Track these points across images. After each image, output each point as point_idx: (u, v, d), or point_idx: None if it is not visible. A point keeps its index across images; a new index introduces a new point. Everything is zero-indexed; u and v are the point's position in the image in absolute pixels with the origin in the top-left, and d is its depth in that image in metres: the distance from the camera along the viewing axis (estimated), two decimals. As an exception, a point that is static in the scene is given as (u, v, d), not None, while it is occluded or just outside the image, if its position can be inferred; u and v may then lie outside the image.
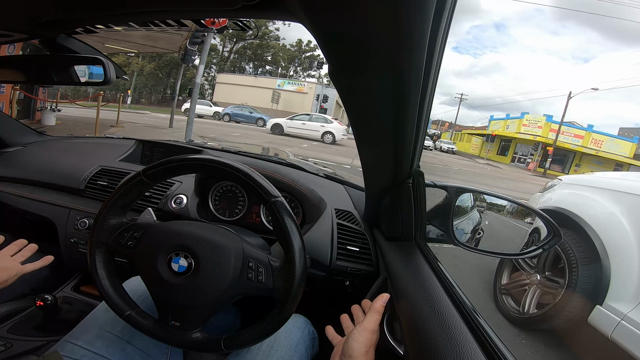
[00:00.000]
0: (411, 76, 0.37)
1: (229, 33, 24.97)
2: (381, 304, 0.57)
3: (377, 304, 0.57)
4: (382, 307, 0.57)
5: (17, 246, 0.70)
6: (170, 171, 0.59)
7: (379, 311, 0.56)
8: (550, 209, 2.01)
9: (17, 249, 0.69)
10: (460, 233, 0.77)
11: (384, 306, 0.57)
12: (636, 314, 1.39)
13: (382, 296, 0.58)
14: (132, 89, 22.19)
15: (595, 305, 1.55)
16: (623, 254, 1.57)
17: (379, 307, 0.56)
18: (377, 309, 0.56)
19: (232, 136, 10.45)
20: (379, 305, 0.57)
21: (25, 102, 6.57)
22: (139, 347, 0.63)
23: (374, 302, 0.57)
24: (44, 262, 0.69)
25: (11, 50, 4.24)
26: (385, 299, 0.58)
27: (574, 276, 1.69)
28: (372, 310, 0.56)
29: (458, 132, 37.02)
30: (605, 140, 19.99)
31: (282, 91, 21.44)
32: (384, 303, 0.57)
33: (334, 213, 0.96)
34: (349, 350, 0.51)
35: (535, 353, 1.71)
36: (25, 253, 0.69)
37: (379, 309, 0.56)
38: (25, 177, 1.09)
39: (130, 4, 0.45)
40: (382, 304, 0.57)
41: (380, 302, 0.57)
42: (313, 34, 0.34)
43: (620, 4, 25.11)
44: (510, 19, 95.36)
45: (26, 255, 0.69)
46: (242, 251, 0.55)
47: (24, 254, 0.69)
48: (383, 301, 0.57)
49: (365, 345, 0.52)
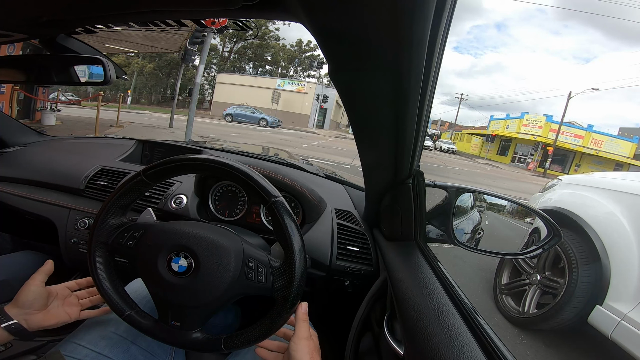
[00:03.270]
0: (411, 76, 0.37)
1: (229, 33, 24.99)
2: (303, 312, 0.58)
3: (299, 312, 0.57)
4: (304, 315, 0.58)
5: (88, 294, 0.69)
6: (170, 171, 0.59)
7: (304, 319, 0.57)
8: (550, 209, 2.01)
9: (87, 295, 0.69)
10: (460, 233, 0.77)
11: (306, 313, 0.58)
12: (636, 314, 1.40)
13: (302, 305, 0.59)
14: (132, 89, 22.21)
15: (595, 305, 1.55)
16: (623, 254, 1.57)
17: (302, 315, 0.57)
18: (302, 317, 0.57)
19: (232, 136, 10.45)
20: (300, 313, 0.57)
21: (25, 102, 6.57)
22: (142, 347, 0.63)
23: (297, 312, 0.58)
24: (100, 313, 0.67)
25: (11, 50, 4.24)
26: (305, 306, 0.58)
27: (574, 276, 1.69)
28: (298, 319, 0.57)
29: (458, 132, 37.04)
30: (605, 140, 20.00)
31: (282, 91, 21.43)
32: (304, 311, 0.58)
33: (334, 213, 0.96)
34: None
35: (535, 353, 1.71)
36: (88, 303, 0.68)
37: (303, 316, 0.57)
38: (25, 177, 1.08)
39: (130, 4, 0.45)
40: (303, 312, 0.58)
41: (301, 310, 0.58)
42: (313, 34, 0.34)
43: (623, 4, 25.10)
44: (512, 18, 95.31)
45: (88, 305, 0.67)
46: (242, 251, 0.55)
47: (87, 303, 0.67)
48: (303, 310, 0.58)
49: (307, 353, 0.53)
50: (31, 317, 0.58)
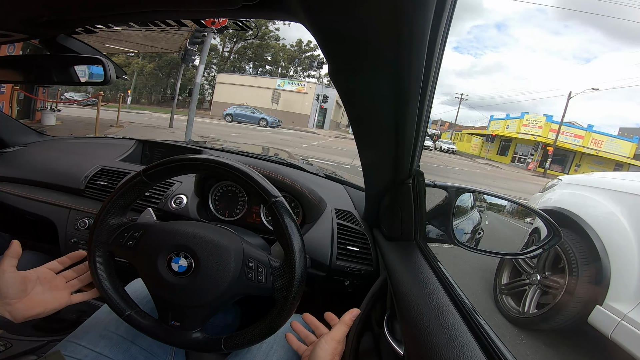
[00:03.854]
0: (411, 76, 0.37)
1: (229, 33, 24.99)
2: (350, 318, 0.60)
3: (346, 317, 0.60)
4: (350, 321, 0.60)
5: (76, 272, 0.64)
6: (170, 171, 0.59)
7: (347, 324, 0.59)
8: (550, 209, 2.01)
9: (75, 275, 0.64)
10: (460, 233, 0.77)
11: (353, 320, 0.60)
12: (636, 314, 1.40)
13: (352, 311, 0.61)
14: (132, 89, 22.21)
15: (595, 305, 1.55)
16: (623, 254, 1.57)
17: (348, 321, 0.59)
18: (345, 321, 0.59)
19: (232, 136, 10.45)
20: (348, 318, 0.60)
21: (25, 102, 6.58)
22: (142, 347, 0.63)
23: (345, 315, 0.60)
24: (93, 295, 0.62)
25: (11, 50, 4.24)
26: (355, 314, 0.60)
27: (574, 276, 1.69)
28: (341, 322, 0.59)
29: (458, 132, 37.04)
30: (605, 140, 20.00)
31: (282, 91, 21.44)
32: (353, 317, 0.60)
33: (334, 213, 0.96)
34: (315, 358, 0.54)
35: (535, 353, 1.71)
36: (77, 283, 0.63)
37: (348, 322, 0.59)
38: (25, 177, 1.08)
39: (130, 4, 0.45)
40: (351, 318, 0.60)
41: (349, 315, 0.60)
42: (313, 34, 0.34)
43: (623, 4, 25.10)
44: (512, 18, 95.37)
45: (78, 285, 0.63)
46: (242, 251, 0.55)
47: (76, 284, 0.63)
48: (352, 315, 0.60)
49: (331, 354, 0.54)
50: (12, 308, 0.53)
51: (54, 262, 0.63)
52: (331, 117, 23.44)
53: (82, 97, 11.91)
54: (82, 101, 9.63)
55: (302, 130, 18.07)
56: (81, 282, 0.64)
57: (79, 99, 8.44)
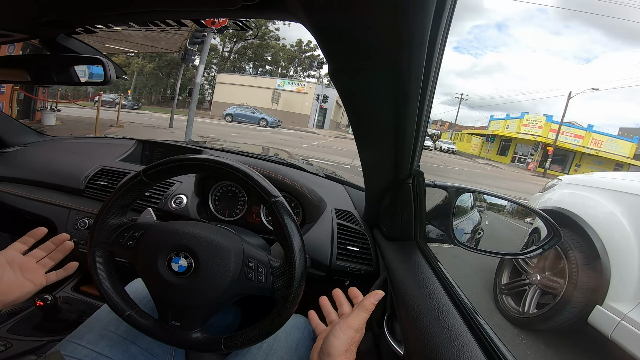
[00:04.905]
0: (411, 76, 0.37)
1: (229, 33, 24.99)
2: (372, 302, 0.50)
3: (367, 302, 0.50)
4: (372, 305, 0.50)
5: (44, 251, 0.60)
6: (170, 171, 0.59)
7: (368, 309, 0.50)
8: (550, 208, 2.01)
9: (44, 253, 0.60)
10: (460, 233, 0.77)
11: (375, 304, 0.50)
12: (636, 314, 1.40)
13: (376, 293, 0.51)
14: (132, 89, 22.22)
15: (595, 305, 1.56)
16: (623, 254, 1.58)
17: (369, 305, 0.50)
18: (366, 306, 0.50)
19: (232, 136, 10.45)
20: (369, 303, 0.50)
21: (25, 102, 6.58)
22: (142, 347, 0.63)
23: (365, 299, 0.50)
24: (67, 272, 0.60)
25: (11, 50, 4.24)
26: (379, 296, 0.51)
27: (574, 276, 1.69)
28: (361, 307, 0.50)
29: (458, 132, 37.05)
30: (605, 140, 20.01)
31: (282, 91, 21.45)
32: (375, 301, 0.50)
33: (334, 213, 0.96)
34: (328, 348, 0.47)
35: (535, 353, 1.71)
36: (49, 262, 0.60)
37: (369, 307, 0.50)
38: (25, 177, 1.08)
39: (130, 4, 0.45)
40: (373, 302, 0.50)
41: (371, 299, 0.50)
42: (313, 34, 0.34)
43: (624, 4, 25.09)
44: (512, 18, 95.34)
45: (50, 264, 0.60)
46: (242, 251, 0.55)
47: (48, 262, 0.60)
48: (375, 299, 0.50)
49: (346, 344, 0.47)
50: None
51: (17, 243, 0.59)
52: (331, 117, 23.44)
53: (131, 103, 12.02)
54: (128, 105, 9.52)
55: (302, 130, 18.07)
56: (53, 260, 0.61)
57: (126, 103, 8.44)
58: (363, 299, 0.52)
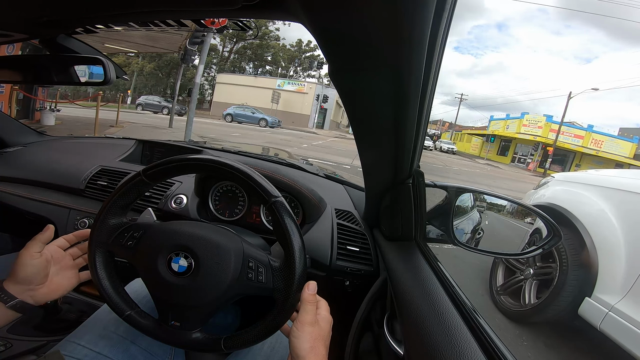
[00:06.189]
0: (411, 76, 0.37)
1: (229, 33, 24.98)
2: (309, 293, 0.52)
3: (305, 294, 0.52)
4: (311, 297, 0.52)
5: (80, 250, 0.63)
6: (170, 171, 0.59)
7: (310, 301, 0.52)
8: (543, 205, 2.06)
9: (80, 252, 0.62)
10: (460, 233, 0.77)
11: (314, 294, 0.53)
12: (623, 305, 1.45)
13: (309, 283, 0.53)
14: (132, 89, 22.22)
15: (585, 297, 1.61)
16: (611, 249, 1.63)
17: (309, 297, 0.52)
18: (307, 299, 0.52)
19: (232, 136, 10.45)
20: (307, 295, 0.52)
21: (25, 102, 6.58)
22: (142, 347, 0.63)
23: (302, 292, 0.52)
24: None
25: (11, 50, 4.24)
26: (313, 286, 0.53)
27: (564, 269, 1.74)
28: (304, 301, 0.52)
29: (458, 132, 37.07)
30: (605, 141, 20.03)
31: (282, 91, 21.44)
32: (312, 291, 0.52)
33: (334, 213, 0.96)
34: (294, 351, 0.48)
35: (536, 355, 1.71)
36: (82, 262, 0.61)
37: (310, 298, 0.52)
38: (25, 177, 1.08)
39: (130, 4, 0.45)
40: (310, 293, 0.52)
41: (307, 290, 0.52)
42: (313, 34, 0.34)
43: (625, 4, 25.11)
44: (513, 18, 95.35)
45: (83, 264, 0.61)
46: (242, 251, 0.55)
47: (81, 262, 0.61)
48: (310, 289, 0.52)
49: (308, 341, 0.48)
50: (35, 293, 0.55)
51: (61, 239, 0.62)
52: (331, 117, 23.44)
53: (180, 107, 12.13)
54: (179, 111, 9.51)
55: (302, 131, 18.08)
56: (85, 261, 0.62)
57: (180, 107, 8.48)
58: (302, 292, 0.53)
